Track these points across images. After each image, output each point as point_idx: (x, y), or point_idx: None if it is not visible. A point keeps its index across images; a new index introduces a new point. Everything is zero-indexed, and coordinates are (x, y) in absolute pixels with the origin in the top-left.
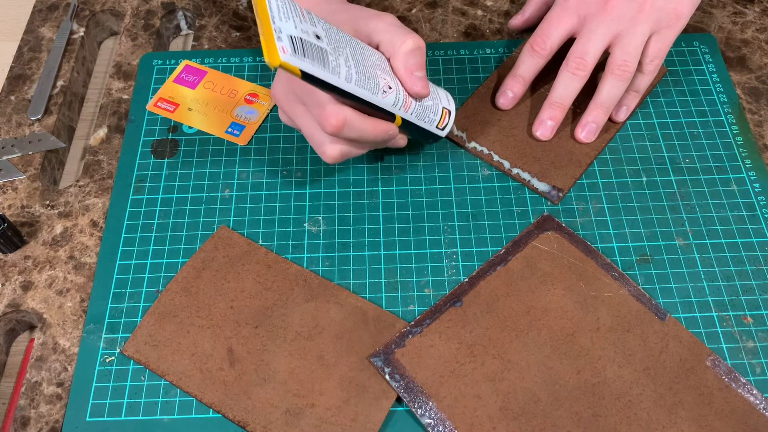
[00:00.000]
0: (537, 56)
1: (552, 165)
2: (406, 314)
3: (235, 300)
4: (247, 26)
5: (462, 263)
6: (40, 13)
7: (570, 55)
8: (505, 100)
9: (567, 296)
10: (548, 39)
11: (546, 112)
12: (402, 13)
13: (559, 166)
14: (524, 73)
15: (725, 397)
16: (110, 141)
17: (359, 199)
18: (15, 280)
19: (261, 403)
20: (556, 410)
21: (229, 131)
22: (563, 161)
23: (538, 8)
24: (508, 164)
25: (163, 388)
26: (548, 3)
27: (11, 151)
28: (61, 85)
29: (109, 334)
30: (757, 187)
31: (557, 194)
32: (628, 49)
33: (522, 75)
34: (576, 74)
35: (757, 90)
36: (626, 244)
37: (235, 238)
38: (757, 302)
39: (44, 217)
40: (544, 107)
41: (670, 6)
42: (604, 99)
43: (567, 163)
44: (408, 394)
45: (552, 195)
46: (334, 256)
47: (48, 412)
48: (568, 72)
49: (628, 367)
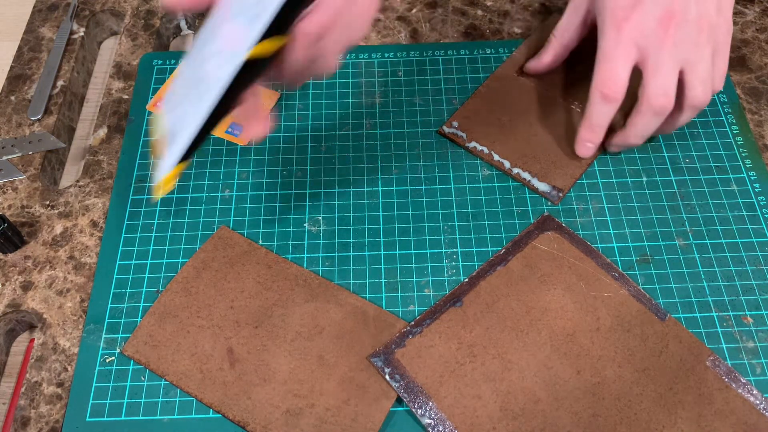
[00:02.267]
0: (611, 102)
1: (552, 165)
2: (406, 314)
3: (235, 300)
4: None
5: (462, 263)
6: (40, 13)
7: (648, 94)
8: (586, 151)
9: (567, 296)
10: (618, 80)
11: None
12: (402, 13)
13: (560, 165)
14: (600, 121)
15: (725, 397)
16: (110, 141)
17: (359, 199)
18: (15, 280)
19: (261, 403)
20: (556, 410)
21: (230, 131)
22: (563, 161)
23: (556, 53)
24: (508, 164)
25: (163, 388)
26: (568, 46)
27: (11, 151)
28: (61, 85)
29: (109, 334)
30: (757, 187)
31: (557, 194)
32: (704, 77)
33: (599, 124)
34: (660, 114)
35: (757, 90)
36: (626, 244)
37: (235, 238)
38: (757, 302)
39: (44, 217)
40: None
41: (721, 19)
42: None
43: (567, 162)
44: (408, 394)
45: (552, 195)
46: (334, 256)
47: (48, 412)
48: (650, 114)
49: (628, 367)
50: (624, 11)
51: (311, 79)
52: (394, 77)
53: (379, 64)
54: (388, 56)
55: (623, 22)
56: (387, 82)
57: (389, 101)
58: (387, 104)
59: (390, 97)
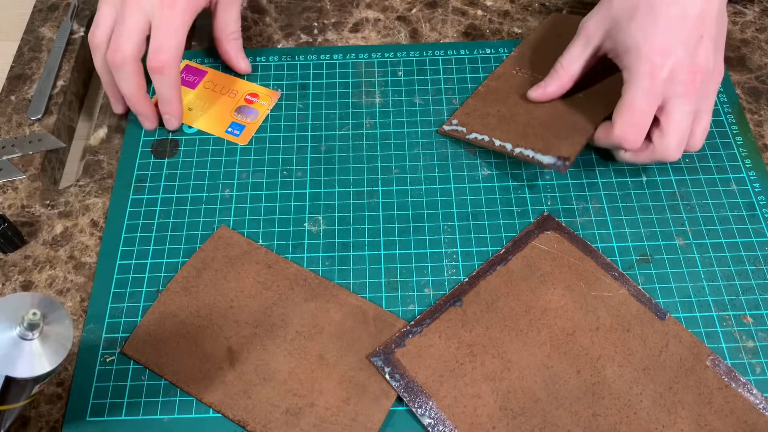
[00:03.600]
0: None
1: (555, 138)
2: (406, 314)
3: (235, 300)
4: (247, 26)
5: (462, 263)
6: (40, 13)
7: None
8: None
9: (567, 296)
10: (641, 133)
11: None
12: (402, 12)
13: (562, 137)
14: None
15: (725, 396)
16: (110, 141)
17: (359, 199)
18: (15, 279)
19: (261, 403)
20: (555, 410)
21: (230, 131)
22: (566, 133)
23: (562, 84)
24: (510, 146)
25: (163, 388)
26: (573, 77)
27: (11, 151)
28: (61, 85)
29: (109, 334)
30: (757, 187)
31: (563, 163)
32: (707, 126)
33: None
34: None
35: (757, 90)
36: (626, 244)
37: (235, 238)
38: (757, 302)
39: (44, 216)
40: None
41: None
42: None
43: (570, 133)
44: (408, 394)
45: (558, 165)
46: (334, 255)
47: (48, 411)
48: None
49: (627, 366)
50: (661, 58)
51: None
52: (394, 77)
53: (379, 64)
54: (388, 56)
55: (658, 70)
56: (387, 82)
57: (389, 101)
58: (387, 104)
59: (390, 97)
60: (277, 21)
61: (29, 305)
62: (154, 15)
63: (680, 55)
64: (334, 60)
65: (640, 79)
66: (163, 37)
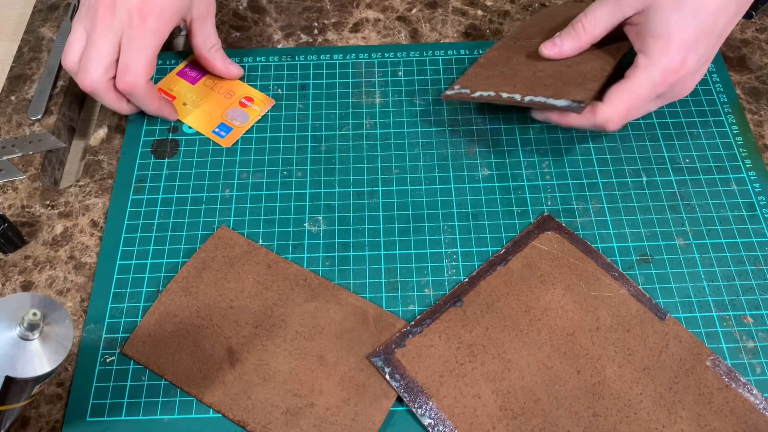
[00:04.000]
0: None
1: (565, 85)
2: (406, 314)
3: (235, 300)
4: (247, 26)
5: (462, 263)
6: (40, 13)
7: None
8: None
9: (567, 296)
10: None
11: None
12: (402, 12)
13: (573, 84)
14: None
15: (725, 396)
16: (110, 141)
17: (359, 199)
18: (15, 280)
19: (261, 403)
20: (555, 410)
21: (216, 131)
22: (577, 81)
23: (580, 46)
24: (518, 96)
25: (163, 388)
26: (594, 41)
27: (11, 151)
28: (61, 85)
29: (109, 334)
30: (757, 187)
31: (578, 106)
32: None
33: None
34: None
35: (757, 90)
36: (626, 244)
37: (235, 238)
38: (757, 302)
39: (44, 217)
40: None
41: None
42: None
43: (582, 81)
44: (408, 394)
45: (574, 107)
46: (334, 256)
47: (48, 412)
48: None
49: (627, 366)
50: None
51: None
52: (394, 77)
53: (379, 64)
54: (388, 56)
55: (672, 73)
56: (387, 82)
57: (389, 101)
58: (387, 104)
59: (390, 97)
60: (277, 21)
61: (29, 305)
62: (123, 34)
63: (692, 67)
64: (334, 60)
65: (655, 71)
66: (131, 57)
